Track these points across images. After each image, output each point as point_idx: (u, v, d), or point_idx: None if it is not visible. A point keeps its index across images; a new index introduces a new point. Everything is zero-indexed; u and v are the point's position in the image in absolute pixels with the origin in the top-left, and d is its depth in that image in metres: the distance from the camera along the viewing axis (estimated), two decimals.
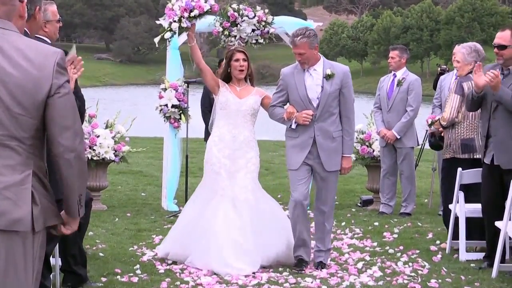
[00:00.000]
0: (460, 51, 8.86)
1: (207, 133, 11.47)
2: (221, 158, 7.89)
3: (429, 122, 9.39)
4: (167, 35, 9.76)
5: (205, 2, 10.24)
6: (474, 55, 8.73)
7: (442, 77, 10.57)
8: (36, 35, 6.55)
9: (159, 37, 10.07)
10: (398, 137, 10.88)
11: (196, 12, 10.01)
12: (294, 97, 7.70)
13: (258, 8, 11.33)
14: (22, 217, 3.88)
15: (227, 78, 8.03)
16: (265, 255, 7.77)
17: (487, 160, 7.80)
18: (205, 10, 10.14)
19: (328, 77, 7.58)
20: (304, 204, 7.76)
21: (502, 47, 7.70)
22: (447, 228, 8.84)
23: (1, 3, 4.06)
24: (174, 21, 9.82)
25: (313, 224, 8.24)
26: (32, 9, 4.79)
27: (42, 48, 4.02)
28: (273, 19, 11.24)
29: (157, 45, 10.85)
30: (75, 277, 6.85)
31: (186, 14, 9.99)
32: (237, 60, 7.90)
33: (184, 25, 9.54)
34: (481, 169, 8.04)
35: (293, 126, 7.71)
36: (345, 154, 7.79)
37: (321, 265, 7.81)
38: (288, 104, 7.81)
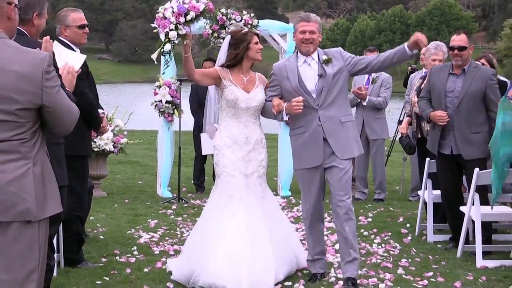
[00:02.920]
0: (443, 50, 9.03)
1: (196, 128, 11.51)
2: (235, 160, 6.63)
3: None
4: (167, 47, 8.07)
5: (197, 2, 9.13)
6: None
7: (412, 75, 10.64)
8: (60, 38, 6.56)
9: (156, 52, 8.41)
10: (366, 99, 10.94)
11: (192, 14, 8.75)
12: (287, 88, 6.56)
13: (244, 12, 11.31)
14: (28, 208, 3.86)
15: (234, 64, 6.71)
16: (277, 268, 6.49)
17: (446, 151, 7.85)
18: (201, 10, 8.91)
19: (326, 61, 6.51)
20: (317, 216, 6.72)
21: (463, 48, 7.78)
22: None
23: None
24: (171, 30, 8.44)
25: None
26: (29, 14, 4.76)
27: (28, 58, 3.91)
28: (258, 22, 11.22)
29: (155, 62, 9.88)
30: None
31: (182, 19, 8.75)
32: (256, 42, 6.68)
33: (182, 32, 7.95)
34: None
35: (285, 117, 6.67)
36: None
37: (351, 281, 6.39)
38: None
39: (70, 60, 5.06)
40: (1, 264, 3.83)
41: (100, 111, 7.03)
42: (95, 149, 10.54)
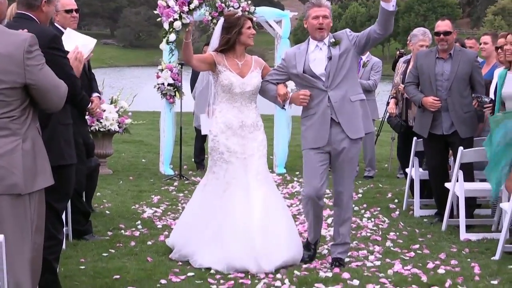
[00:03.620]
0: (429, 36, 9.05)
1: (197, 106, 11.44)
2: (230, 146, 6.33)
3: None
4: (172, 37, 7.06)
5: None
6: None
7: (400, 59, 10.60)
8: (54, 24, 6.51)
9: (164, 42, 7.46)
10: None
11: (196, 2, 8.21)
12: (295, 74, 6.24)
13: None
14: (16, 182, 3.87)
15: (228, 48, 6.38)
16: (274, 255, 6.14)
17: (438, 132, 7.84)
18: None
19: (333, 44, 6.16)
20: (317, 201, 6.25)
21: (448, 33, 7.80)
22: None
23: None
24: (175, 19, 7.82)
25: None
26: (38, 1, 4.72)
27: (10, 39, 3.90)
28: (255, 9, 11.16)
29: (163, 50, 9.41)
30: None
31: (185, 8, 8.20)
32: (249, 27, 6.33)
33: (186, 21, 7.28)
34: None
35: (286, 107, 6.56)
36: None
37: (338, 262, 6.27)
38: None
39: (80, 44, 5.02)
40: None
41: (95, 94, 7.00)
42: (101, 129, 10.55)
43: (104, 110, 10.46)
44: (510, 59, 6.81)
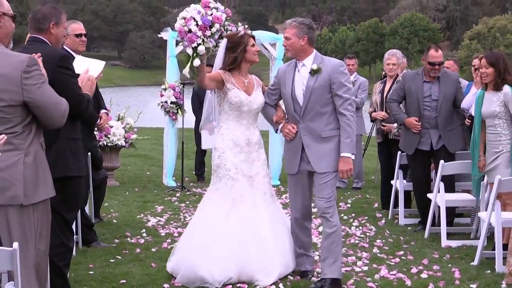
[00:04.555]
0: (396, 55, 9.30)
1: (197, 125, 11.44)
2: (237, 163, 5.92)
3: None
4: (197, 62, 6.04)
5: (217, 11, 7.71)
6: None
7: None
8: (63, 47, 6.51)
9: (187, 67, 6.52)
10: None
11: (217, 26, 7.40)
12: (284, 94, 5.83)
13: (239, 24, 11.26)
14: (17, 193, 3.87)
15: (233, 67, 5.98)
16: (279, 270, 5.89)
17: (425, 148, 7.86)
18: (224, 20, 7.43)
19: (313, 72, 5.63)
20: (302, 221, 6.00)
21: (441, 63, 7.93)
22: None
23: None
24: (199, 44, 6.76)
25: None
26: (46, 24, 4.73)
27: (8, 60, 3.90)
28: (251, 32, 11.16)
29: (188, 76, 8.44)
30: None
31: (208, 33, 7.35)
32: (253, 45, 5.96)
33: (208, 45, 6.42)
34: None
35: (278, 132, 6.03)
36: (341, 153, 5.64)
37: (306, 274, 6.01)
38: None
39: (91, 67, 5.04)
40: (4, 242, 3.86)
41: (102, 111, 6.99)
42: (109, 144, 10.54)
43: (112, 126, 10.48)
44: (485, 82, 6.84)
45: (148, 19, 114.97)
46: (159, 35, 11.17)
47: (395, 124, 8.80)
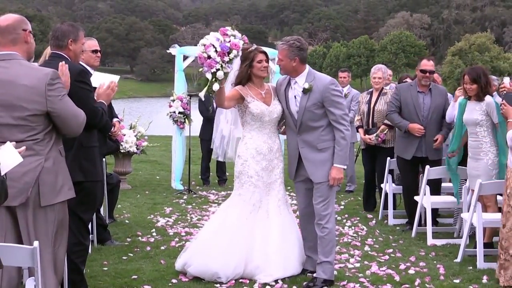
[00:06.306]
0: (382, 70, 9.29)
1: (203, 131, 11.42)
2: (259, 170, 5.82)
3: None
4: (216, 87, 5.74)
5: (235, 38, 6.87)
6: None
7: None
8: (80, 62, 6.50)
9: (204, 91, 6.41)
10: None
11: (235, 52, 6.67)
12: (283, 107, 5.82)
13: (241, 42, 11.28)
14: (37, 195, 3.91)
15: (246, 80, 5.86)
16: (285, 267, 5.84)
17: (418, 154, 7.87)
18: (241, 46, 6.68)
19: (305, 91, 5.58)
20: (307, 219, 5.92)
21: (432, 72, 7.97)
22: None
23: (7, 33, 3.96)
24: (218, 70, 6.29)
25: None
26: (64, 41, 4.73)
27: (34, 73, 3.92)
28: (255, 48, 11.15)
29: (203, 99, 8.45)
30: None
31: (226, 59, 6.63)
32: (260, 61, 5.80)
33: (227, 70, 6.09)
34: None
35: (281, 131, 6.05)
36: (334, 164, 5.55)
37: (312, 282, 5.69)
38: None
39: (107, 81, 5.05)
40: (25, 239, 3.88)
41: (115, 119, 7.00)
42: (122, 151, 10.54)
43: (125, 134, 10.48)
44: (470, 95, 6.86)
45: (158, 36, 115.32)
46: (168, 51, 11.20)
47: (372, 136, 8.95)
